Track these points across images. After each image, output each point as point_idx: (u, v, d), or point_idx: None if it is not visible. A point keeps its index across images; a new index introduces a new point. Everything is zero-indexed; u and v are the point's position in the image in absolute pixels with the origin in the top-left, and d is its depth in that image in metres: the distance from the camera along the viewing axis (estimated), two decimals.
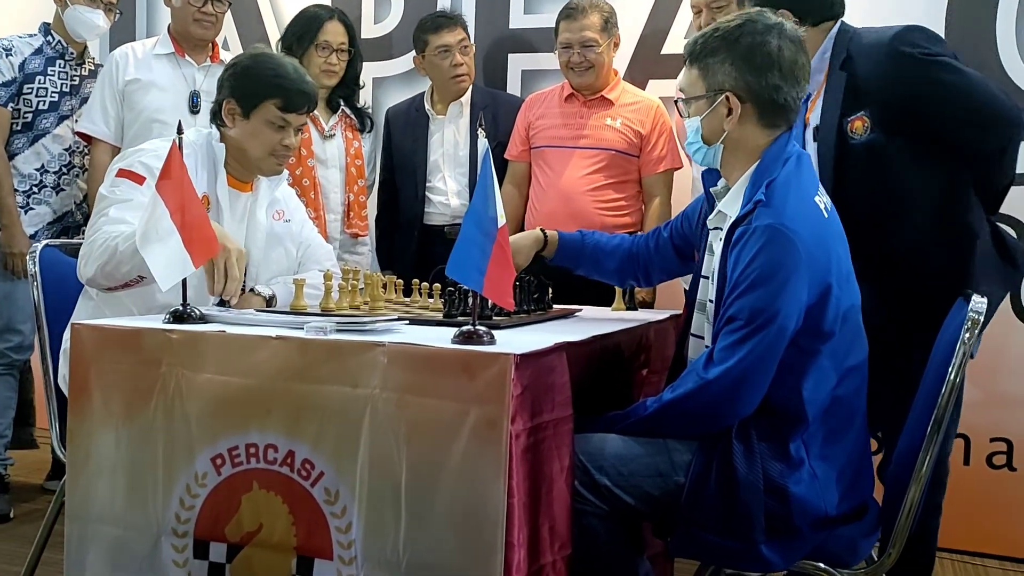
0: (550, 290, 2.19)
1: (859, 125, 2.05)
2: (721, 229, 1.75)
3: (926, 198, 2.06)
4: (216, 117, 2.19)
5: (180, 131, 1.75)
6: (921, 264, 2.06)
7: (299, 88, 2.14)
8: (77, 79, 3.15)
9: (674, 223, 2.12)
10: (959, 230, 2.08)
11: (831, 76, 2.11)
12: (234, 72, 2.18)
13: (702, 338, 1.81)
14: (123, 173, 2.06)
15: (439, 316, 1.90)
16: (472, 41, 3.12)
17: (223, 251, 1.85)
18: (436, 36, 3.04)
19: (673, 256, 2.11)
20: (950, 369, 1.62)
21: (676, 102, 1.85)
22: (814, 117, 2.14)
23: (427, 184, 3.11)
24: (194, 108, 3.03)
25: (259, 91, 2.13)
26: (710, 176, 1.88)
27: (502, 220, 1.53)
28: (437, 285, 2.06)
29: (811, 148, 2.13)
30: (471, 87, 3.13)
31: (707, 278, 1.81)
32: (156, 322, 1.69)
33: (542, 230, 2.15)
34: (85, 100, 3.15)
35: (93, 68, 3.23)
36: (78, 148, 3.15)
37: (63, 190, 3.13)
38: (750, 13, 1.76)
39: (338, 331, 1.59)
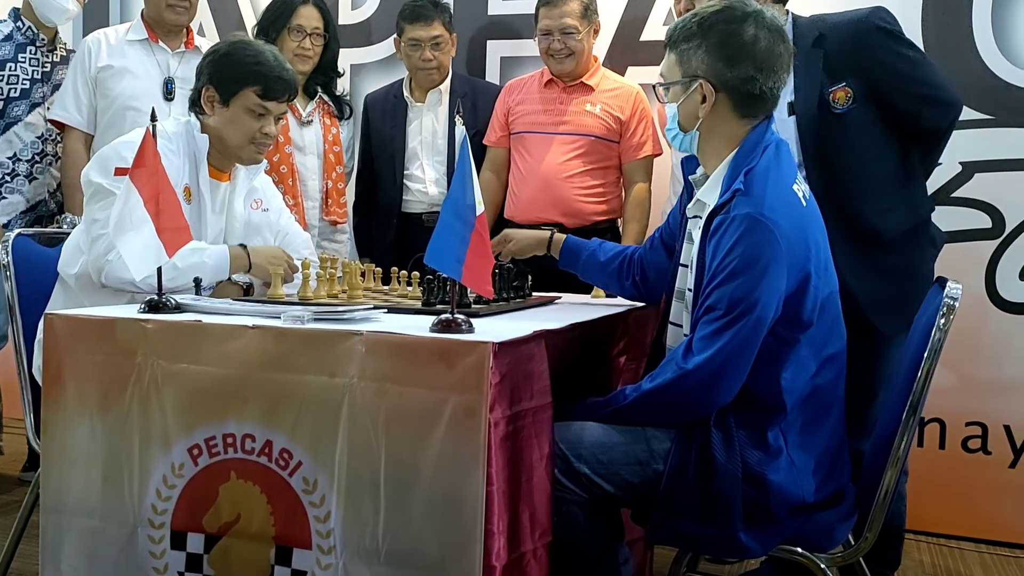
0: (529, 277, 2.19)
1: (842, 95, 2.15)
2: (700, 217, 1.75)
3: (885, 166, 2.21)
4: (195, 105, 2.17)
5: (154, 118, 1.73)
6: (885, 229, 2.18)
7: (278, 75, 2.13)
8: (49, 65, 3.10)
9: (664, 224, 2.12)
10: (916, 197, 2.26)
11: (800, 55, 2.16)
12: (213, 59, 2.16)
13: (680, 326, 1.82)
14: (121, 171, 2.02)
15: (418, 304, 1.89)
16: (451, 34, 3.09)
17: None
18: (411, 27, 3.01)
19: (665, 254, 2.10)
20: (925, 354, 1.63)
21: (655, 87, 1.85)
22: (786, 94, 2.17)
23: (405, 171, 3.10)
24: (168, 95, 2.99)
25: (238, 78, 2.11)
26: (689, 164, 1.88)
27: (480, 208, 1.53)
28: (416, 273, 2.05)
29: (788, 124, 2.18)
30: (451, 75, 3.11)
31: (686, 266, 1.81)
32: (131, 312, 1.68)
33: (551, 230, 2.19)
34: (57, 87, 3.10)
35: (65, 54, 3.18)
36: (51, 136, 3.11)
37: (36, 178, 3.08)
38: (732, 0, 1.75)
39: (315, 320, 1.58)
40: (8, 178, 3.02)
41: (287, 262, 2.11)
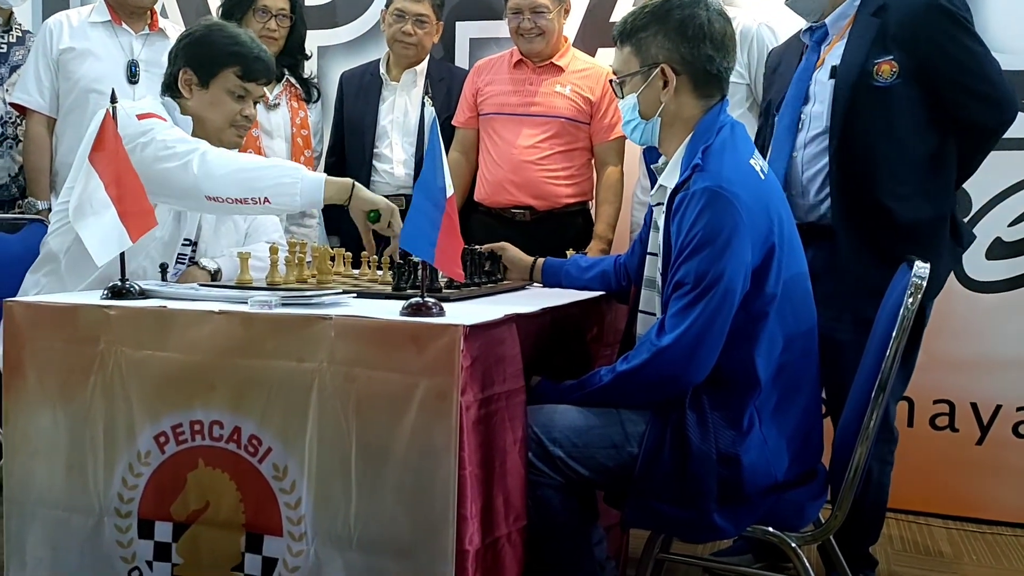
0: (501, 263, 2.17)
1: (887, 68, 2.09)
2: (663, 204, 1.75)
3: (919, 152, 2.12)
4: (170, 89, 2.13)
5: (114, 99, 1.69)
6: (899, 214, 2.11)
7: (257, 55, 2.11)
8: (4, 47, 3.02)
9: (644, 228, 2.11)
10: (940, 190, 2.16)
11: (859, 21, 2.15)
12: (189, 42, 2.13)
13: (653, 314, 1.81)
14: (143, 116, 1.96)
15: (388, 289, 1.87)
16: (438, 20, 3.05)
17: (387, 211, 1.88)
18: None
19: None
20: (893, 333, 1.64)
21: (610, 83, 1.86)
22: (832, 57, 2.18)
23: (374, 150, 3.06)
24: (132, 78, 2.93)
25: (217, 60, 2.09)
26: (651, 155, 1.88)
27: (450, 191, 1.52)
28: (387, 258, 2.02)
29: (827, 86, 2.16)
30: (428, 59, 3.08)
31: (655, 255, 1.81)
32: (93, 298, 1.64)
33: (534, 260, 2.21)
34: (15, 69, 3.02)
35: (21, 35, 3.10)
36: (10, 119, 3.03)
37: None
38: None
39: (283, 305, 1.55)
40: None
41: (395, 222, 1.91)
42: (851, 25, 2.18)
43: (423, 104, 3.04)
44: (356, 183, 1.91)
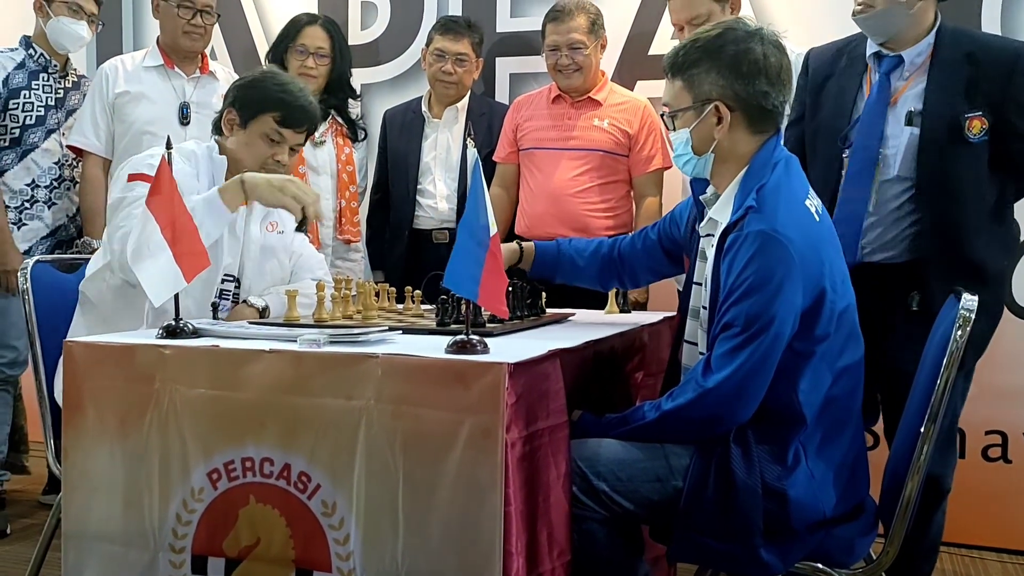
0: (543, 295, 2.19)
1: (978, 124, 2.09)
2: (713, 236, 1.75)
3: (987, 200, 2.15)
4: (216, 127, 2.20)
5: (169, 145, 1.75)
6: (987, 264, 2.14)
7: (301, 104, 2.16)
8: (62, 91, 3.14)
9: (661, 224, 2.11)
10: (1008, 234, 2.22)
11: (943, 64, 2.13)
12: (241, 84, 2.22)
13: (696, 344, 1.81)
14: (134, 177, 2.07)
15: (432, 324, 1.89)
16: (478, 57, 3.12)
17: (291, 185, 1.97)
18: (440, 38, 3.06)
19: (663, 258, 2.10)
20: (943, 366, 1.62)
21: (662, 116, 1.86)
22: (909, 99, 2.16)
23: (418, 186, 3.12)
24: (184, 120, 3.02)
25: (261, 103, 2.15)
26: (697, 183, 1.88)
27: (494, 229, 1.54)
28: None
29: (904, 133, 2.15)
30: (469, 95, 3.14)
31: (700, 284, 1.81)
32: (149, 338, 1.69)
33: (518, 242, 2.14)
34: (71, 112, 3.13)
35: (76, 80, 3.21)
36: (67, 161, 3.14)
37: (55, 204, 3.11)
38: (728, 22, 1.76)
39: (331, 343, 1.58)
40: (28, 205, 3.06)
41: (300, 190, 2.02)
42: (929, 64, 2.14)
43: (465, 141, 3.09)
44: (244, 177, 1.99)
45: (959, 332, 1.63)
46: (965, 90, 2.09)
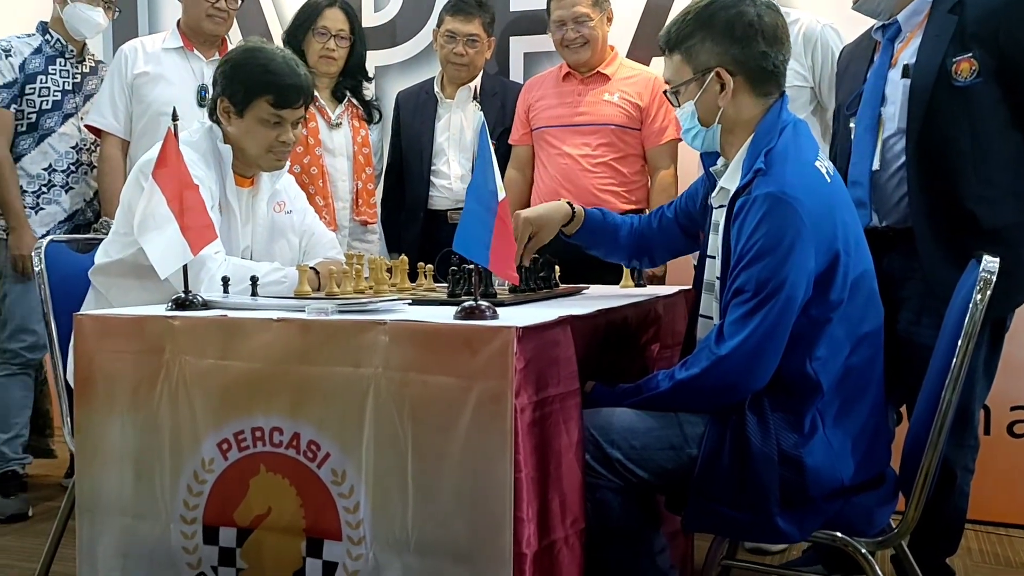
0: (557, 268, 2.17)
1: (966, 67, 2.03)
2: (724, 206, 1.73)
3: (1003, 154, 2.06)
4: (213, 114, 2.18)
5: (175, 117, 1.73)
6: (983, 218, 2.05)
7: (290, 82, 2.09)
8: (79, 76, 3.15)
9: (678, 202, 2.09)
10: None
11: (935, 18, 2.10)
12: (225, 69, 2.13)
13: (711, 318, 1.79)
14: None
15: (443, 297, 1.88)
16: (489, 36, 3.09)
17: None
18: (451, 19, 3.04)
19: (679, 235, 2.08)
20: (962, 332, 1.58)
21: (666, 94, 1.83)
22: (906, 56, 2.13)
23: (432, 167, 3.10)
24: (202, 101, 3.02)
25: (250, 88, 2.09)
26: (709, 156, 1.85)
27: (502, 194, 1.52)
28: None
29: (899, 86, 2.12)
30: (482, 74, 3.12)
31: (713, 257, 1.79)
32: (159, 309, 1.69)
33: (569, 204, 2.05)
34: (88, 97, 3.15)
35: (94, 65, 3.23)
36: (85, 145, 3.16)
37: (72, 188, 3.13)
38: None
39: (339, 312, 1.57)
40: (45, 189, 3.08)
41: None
42: (926, 22, 2.12)
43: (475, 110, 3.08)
44: (305, 269, 1.93)
45: (979, 296, 1.59)
46: (953, 35, 2.05)
